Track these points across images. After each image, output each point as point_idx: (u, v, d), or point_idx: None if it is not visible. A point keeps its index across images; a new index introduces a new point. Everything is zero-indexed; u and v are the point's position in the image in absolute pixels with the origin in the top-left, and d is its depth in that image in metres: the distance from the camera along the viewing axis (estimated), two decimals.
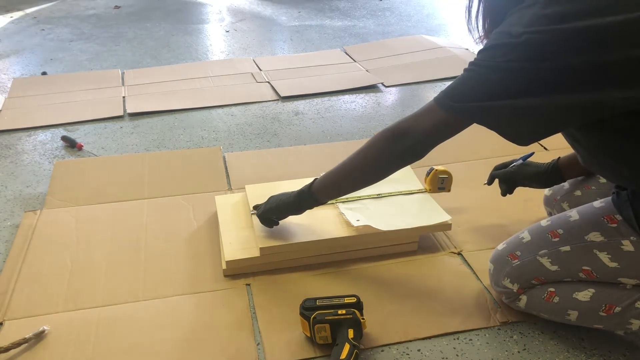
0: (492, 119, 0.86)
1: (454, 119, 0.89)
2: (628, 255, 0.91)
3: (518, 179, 1.28)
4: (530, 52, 0.79)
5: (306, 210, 1.15)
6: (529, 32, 0.79)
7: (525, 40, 0.79)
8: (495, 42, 0.84)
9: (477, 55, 0.87)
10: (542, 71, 0.79)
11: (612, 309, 0.96)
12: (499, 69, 0.82)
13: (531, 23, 0.79)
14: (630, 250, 0.91)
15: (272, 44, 2.94)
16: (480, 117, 0.86)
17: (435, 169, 1.34)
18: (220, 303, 1.15)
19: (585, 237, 0.95)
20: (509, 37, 0.81)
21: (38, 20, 3.32)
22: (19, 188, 1.59)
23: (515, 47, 0.80)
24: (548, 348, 1.04)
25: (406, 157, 0.98)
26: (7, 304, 1.15)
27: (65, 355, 1.03)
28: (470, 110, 0.86)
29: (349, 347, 0.96)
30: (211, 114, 2.07)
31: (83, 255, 1.29)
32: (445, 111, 0.89)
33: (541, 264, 1.00)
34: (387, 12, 3.48)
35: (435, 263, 1.27)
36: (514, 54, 0.81)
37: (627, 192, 0.92)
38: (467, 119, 0.89)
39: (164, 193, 1.54)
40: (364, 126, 1.96)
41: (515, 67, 0.81)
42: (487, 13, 0.92)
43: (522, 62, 0.80)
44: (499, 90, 0.83)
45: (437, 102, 0.90)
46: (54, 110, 2.09)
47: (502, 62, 0.82)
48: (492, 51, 0.84)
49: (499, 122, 0.86)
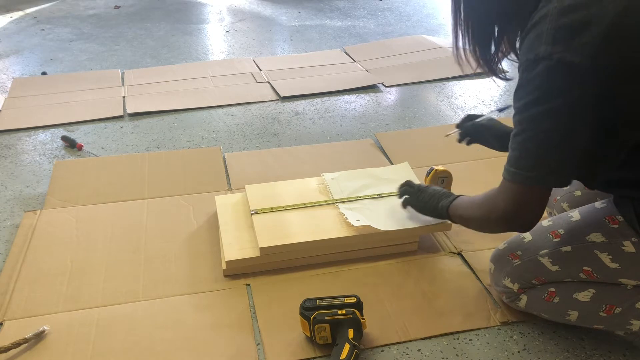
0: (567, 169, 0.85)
1: (539, 189, 0.87)
2: (629, 256, 0.91)
3: (485, 135, 1.24)
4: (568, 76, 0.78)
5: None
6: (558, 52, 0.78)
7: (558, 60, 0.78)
8: (526, 79, 0.82)
9: (515, 104, 0.85)
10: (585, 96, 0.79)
11: (612, 309, 0.96)
12: (546, 117, 0.81)
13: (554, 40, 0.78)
14: (631, 251, 0.91)
15: (272, 44, 2.94)
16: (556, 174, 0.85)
17: (435, 169, 1.34)
18: (220, 303, 1.15)
19: (586, 238, 0.95)
20: (536, 62, 0.79)
21: (38, 20, 3.31)
22: (19, 188, 1.59)
23: (550, 71, 0.79)
24: (548, 348, 1.04)
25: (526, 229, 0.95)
26: (7, 304, 1.15)
27: (65, 355, 1.03)
28: (544, 174, 0.85)
29: (349, 347, 0.96)
30: (211, 114, 2.07)
31: (83, 255, 1.29)
32: (528, 186, 0.86)
33: (542, 264, 1.00)
34: (387, 12, 3.48)
35: (435, 263, 1.27)
36: (550, 83, 0.79)
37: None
38: (549, 184, 0.87)
39: (164, 193, 1.54)
40: (364, 126, 1.96)
41: (557, 105, 0.80)
42: (474, 40, 0.92)
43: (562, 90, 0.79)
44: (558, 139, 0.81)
45: (513, 179, 0.87)
46: (54, 110, 2.09)
47: (544, 109, 0.81)
48: (529, 91, 0.82)
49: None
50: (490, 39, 0.92)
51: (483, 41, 0.93)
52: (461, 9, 0.92)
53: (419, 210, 1.20)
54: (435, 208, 1.13)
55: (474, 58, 0.95)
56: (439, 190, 1.16)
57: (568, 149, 0.83)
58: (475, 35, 0.93)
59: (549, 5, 0.80)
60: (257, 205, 1.32)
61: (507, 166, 0.88)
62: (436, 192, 1.15)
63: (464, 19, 0.93)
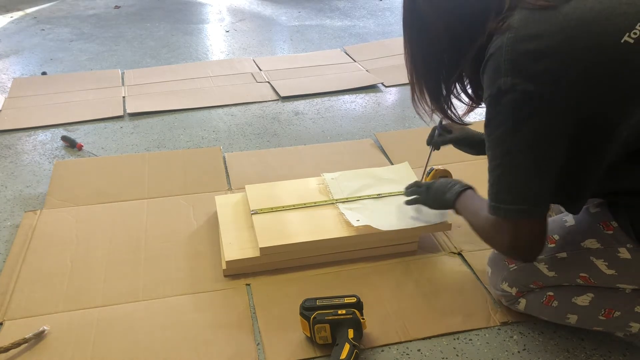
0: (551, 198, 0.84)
1: (528, 222, 0.85)
2: (625, 263, 0.90)
3: (459, 145, 1.25)
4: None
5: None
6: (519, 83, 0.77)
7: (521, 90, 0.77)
8: (491, 109, 0.82)
9: (487, 139, 0.84)
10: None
11: (611, 313, 0.96)
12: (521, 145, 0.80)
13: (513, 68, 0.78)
14: (626, 257, 0.90)
15: (272, 44, 2.94)
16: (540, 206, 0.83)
17: (435, 169, 1.34)
18: (220, 303, 1.15)
19: (582, 244, 0.94)
20: (499, 96, 0.79)
21: (38, 20, 3.31)
22: (19, 188, 1.59)
23: (516, 103, 0.78)
24: (548, 348, 1.04)
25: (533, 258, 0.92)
26: (7, 304, 1.15)
27: (65, 355, 1.03)
28: (526, 207, 0.83)
29: (349, 347, 0.96)
30: (211, 114, 2.07)
31: (83, 255, 1.29)
32: (515, 221, 0.84)
33: (538, 269, 1.00)
34: (387, 12, 3.48)
35: (435, 263, 1.27)
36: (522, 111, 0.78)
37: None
38: (535, 215, 0.84)
39: (164, 193, 1.54)
40: (364, 126, 1.96)
41: (529, 130, 0.79)
42: (425, 84, 0.93)
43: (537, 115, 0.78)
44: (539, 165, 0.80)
45: (501, 215, 0.85)
46: (54, 110, 2.09)
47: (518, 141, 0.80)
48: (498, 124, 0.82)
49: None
50: (440, 82, 0.92)
51: (433, 84, 0.92)
52: (410, 52, 0.92)
53: (430, 206, 1.19)
54: (443, 200, 1.10)
55: (426, 103, 0.95)
56: (445, 182, 1.13)
57: (547, 178, 0.82)
58: (425, 79, 0.92)
59: (502, 37, 0.79)
60: (257, 205, 1.32)
61: (490, 202, 0.86)
62: (442, 184, 1.13)
63: (412, 63, 0.93)
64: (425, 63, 0.92)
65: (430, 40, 0.89)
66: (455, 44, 0.87)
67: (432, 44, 0.89)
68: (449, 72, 0.91)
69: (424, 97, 0.95)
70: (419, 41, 0.91)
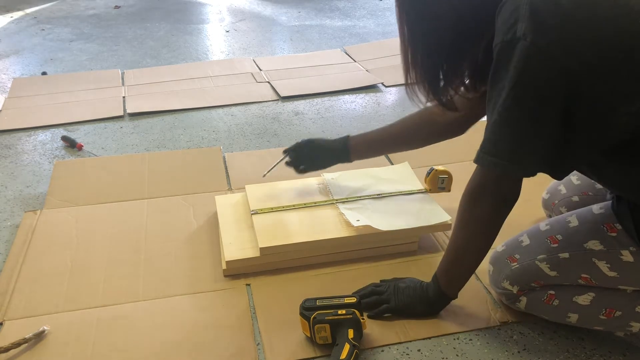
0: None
1: (506, 176, 0.87)
2: (627, 266, 0.90)
3: (310, 153, 1.31)
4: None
5: None
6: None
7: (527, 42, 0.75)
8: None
9: (489, 90, 0.83)
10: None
11: (612, 313, 0.96)
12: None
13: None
14: (629, 260, 0.90)
15: (272, 44, 2.94)
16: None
17: (435, 169, 1.34)
18: (220, 303, 1.15)
19: (585, 245, 0.94)
20: (513, 42, 0.76)
21: (38, 20, 3.31)
22: (19, 188, 1.59)
23: (527, 54, 0.76)
24: (548, 348, 1.04)
25: (508, 210, 0.93)
26: (7, 304, 1.15)
27: (65, 355, 1.03)
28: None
29: (349, 347, 0.96)
30: (211, 114, 2.07)
31: (83, 255, 1.29)
32: (489, 169, 0.89)
33: (540, 269, 1.00)
34: (387, 12, 3.48)
35: (435, 263, 1.25)
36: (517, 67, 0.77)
37: (627, 200, 0.91)
38: (511, 173, 0.86)
39: (164, 193, 1.54)
40: (364, 126, 1.96)
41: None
42: (423, 74, 0.91)
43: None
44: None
45: (483, 163, 0.88)
46: (54, 110, 2.10)
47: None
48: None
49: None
50: (439, 70, 0.90)
51: (431, 73, 0.90)
52: (407, 42, 0.90)
53: (406, 309, 1.09)
54: (425, 295, 1.07)
55: (422, 93, 0.93)
56: (411, 287, 1.10)
57: (539, 139, 0.81)
58: (423, 67, 0.90)
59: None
60: (257, 205, 1.32)
61: (480, 152, 0.87)
62: (408, 289, 1.10)
63: (411, 53, 0.90)
64: (426, 53, 0.89)
65: (435, 28, 0.86)
66: (462, 34, 0.85)
67: (437, 32, 0.86)
68: (451, 61, 0.89)
69: (423, 87, 0.93)
70: (422, 30, 0.87)
